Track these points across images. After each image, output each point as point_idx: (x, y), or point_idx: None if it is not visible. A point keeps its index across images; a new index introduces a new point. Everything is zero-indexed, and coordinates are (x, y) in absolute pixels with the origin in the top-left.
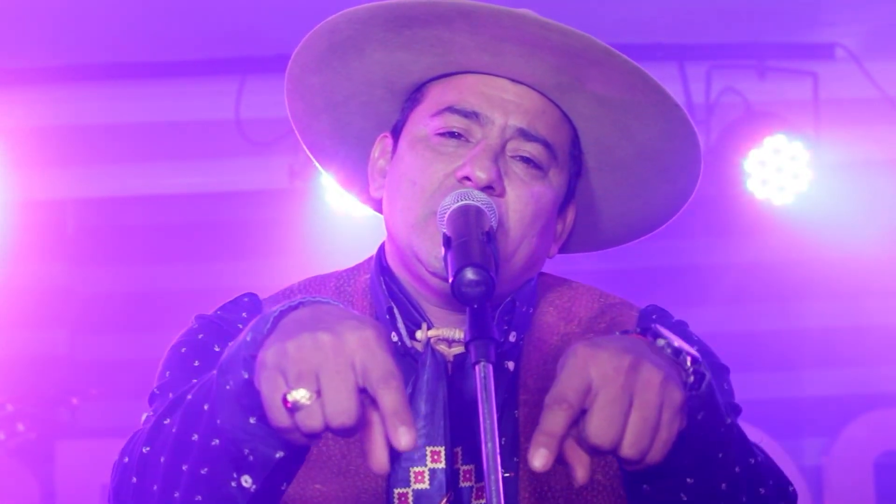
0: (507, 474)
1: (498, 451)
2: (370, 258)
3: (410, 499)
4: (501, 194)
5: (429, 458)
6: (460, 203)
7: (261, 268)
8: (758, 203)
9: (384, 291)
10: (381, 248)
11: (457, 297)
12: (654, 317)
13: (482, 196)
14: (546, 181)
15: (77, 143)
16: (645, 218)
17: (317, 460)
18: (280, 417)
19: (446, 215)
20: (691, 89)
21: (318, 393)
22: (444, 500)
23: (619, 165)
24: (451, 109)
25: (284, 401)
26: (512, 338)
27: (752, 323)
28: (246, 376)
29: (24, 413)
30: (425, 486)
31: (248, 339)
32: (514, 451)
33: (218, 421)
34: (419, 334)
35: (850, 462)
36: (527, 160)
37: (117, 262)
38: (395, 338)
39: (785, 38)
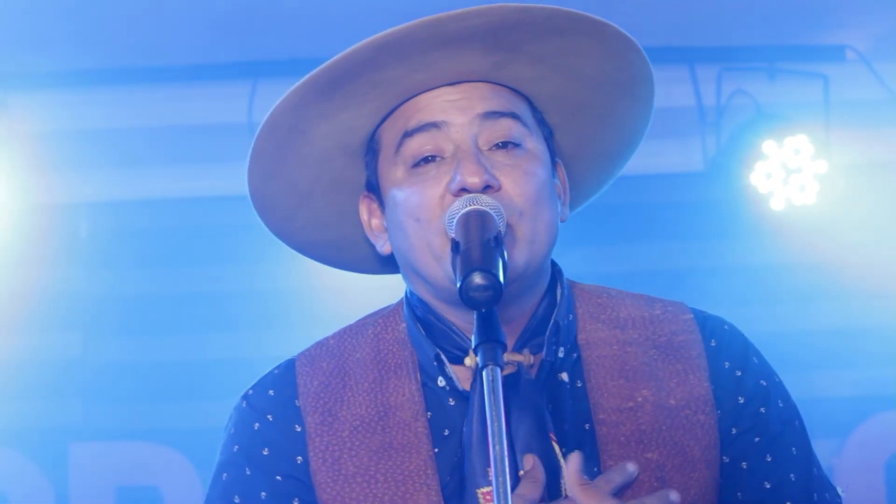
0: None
1: (506, 454)
2: (398, 305)
3: None
4: (500, 188)
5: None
6: (468, 208)
7: (274, 271)
8: (769, 205)
9: (426, 338)
10: (408, 298)
11: (465, 302)
12: None
13: (489, 200)
14: (528, 153)
15: (90, 147)
16: (618, 141)
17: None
18: None
19: (455, 221)
20: (702, 92)
21: None
22: None
23: (579, 105)
24: (407, 134)
25: None
26: (561, 353)
27: (762, 324)
28: None
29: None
30: None
31: None
32: (595, 464)
33: None
34: (467, 361)
35: (861, 463)
36: (504, 144)
37: (130, 265)
38: (442, 383)
39: (795, 40)
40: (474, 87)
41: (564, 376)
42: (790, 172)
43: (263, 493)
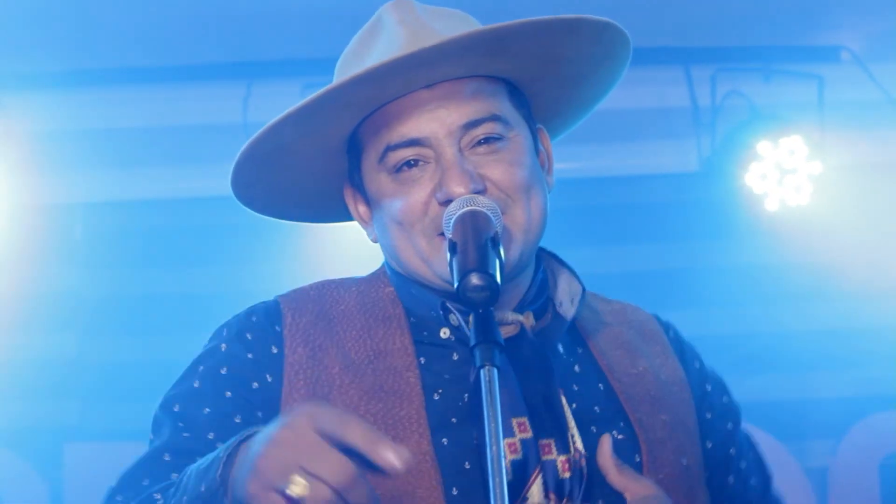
0: (619, 437)
1: (503, 453)
2: (379, 272)
3: (510, 469)
4: (486, 190)
5: (516, 429)
6: (465, 209)
7: (269, 270)
8: (763, 205)
9: (425, 293)
10: (390, 269)
11: (462, 302)
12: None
13: (486, 201)
14: (510, 143)
15: (85, 147)
16: (596, 91)
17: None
18: None
19: (451, 221)
20: (697, 92)
21: (311, 474)
22: (537, 471)
23: (557, 76)
24: (389, 149)
25: (288, 500)
26: (571, 312)
27: (757, 325)
28: None
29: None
30: (518, 456)
31: (202, 489)
32: (621, 419)
33: None
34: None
35: (855, 464)
36: (485, 140)
37: (126, 265)
38: (446, 334)
39: (790, 41)
40: (452, 88)
41: (560, 348)
42: (785, 173)
43: (207, 409)
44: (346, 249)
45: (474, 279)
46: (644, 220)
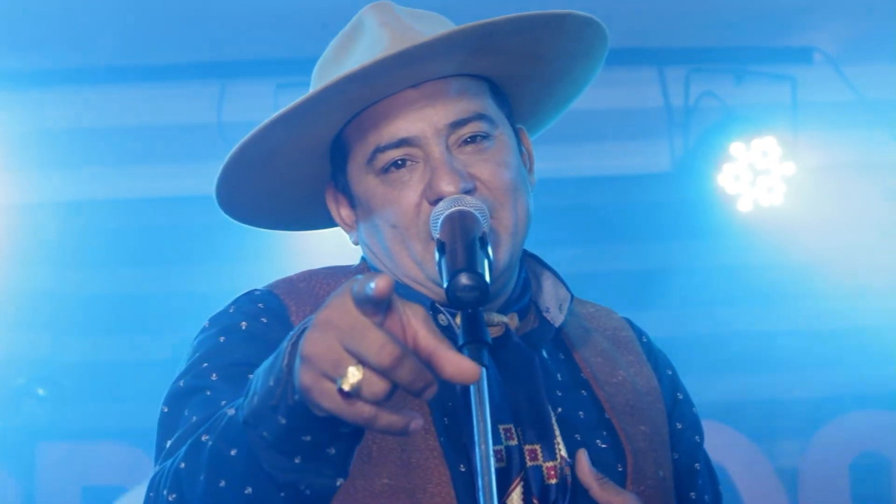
0: (603, 446)
1: (491, 453)
2: (362, 268)
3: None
4: (476, 187)
5: (503, 435)
6: (453, 209)
7: (243, 271)
8: (736, 206)
9: (413, 291)
10: (371, 268)
11: (452, 302)
12: None
13: (474, 201)
14: (496, 142)
15: (59, 147)
16: (573, 88)
17: (379, 456)
18: (353, 412)
19: (440, 221)
20: (670, 93)
21: (362, 361)
22: (519, 479)
23: (537, 75)
24: (378, 150)
25: (344, 394)
26: (560, 319)
27: (729, 325)
28: (284, 421)
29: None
30: (502, 464)
31: (271, 384)
32: (604, 428)
33: (264, 468)
34: (457, 321)
35: (826, 464)
36: (472, 138)
37: (99, 264)
38: (444, 321)
39: (763, 42)
40: (438, 87)
41: (543, 352)
42: (758, 174)
43: (239, 355)
44: (317, 247)
45: (464, 279)
46: (617, 220)
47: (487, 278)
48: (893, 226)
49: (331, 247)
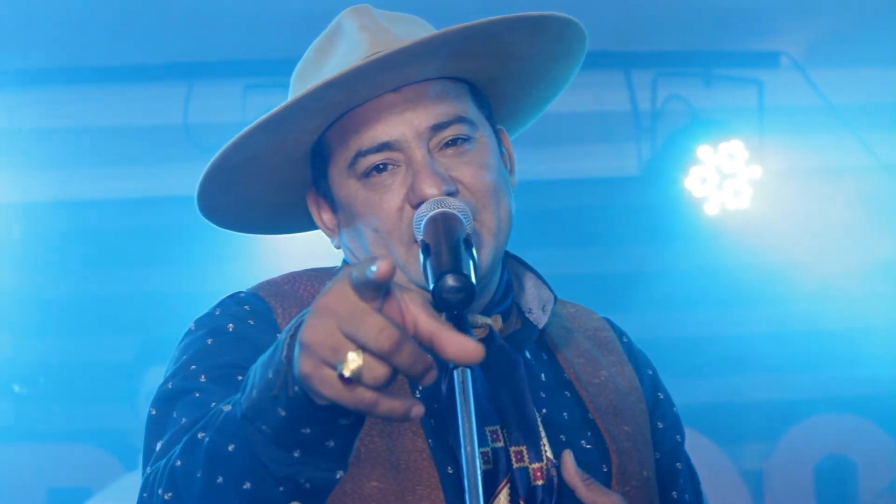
0: (588, 446)
1: (477, 454)
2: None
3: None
4: (458, 189)
5: (489, 437)
6: (436, 210)
7: (208, 273)
8: (702, 209)
9: None
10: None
11: (438, 304)
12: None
13: (457, 203)
14: (478, 144)
15: (22, 148)
16: (552, 88)
17: (367, 458)
18: (354, 398)
19: (423, 223)
20: (637, 96)
21: (362, 347)
22: (506, 480)
23: (516, 74)
24: (360, 154)
25: (345, 380)
26: (543, 321)
27: (694, 328)
28: (283, 413)
29: None
30: (490, 466)
31: (270, 376)
32: (589, 429)
33: (263, 462)
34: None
35: (790, 467)
36: (453, 141)
37: (62, 266)
38: None
39: (730, 46)
40: (418, 91)
41: (527, 353)
42: (725, 177)
43: (228, 357)
44: (282, 249)
45: (450, 280)
46: (584, 224)
47: (473, 279)
48: (860, 230)
49: (295, 248)
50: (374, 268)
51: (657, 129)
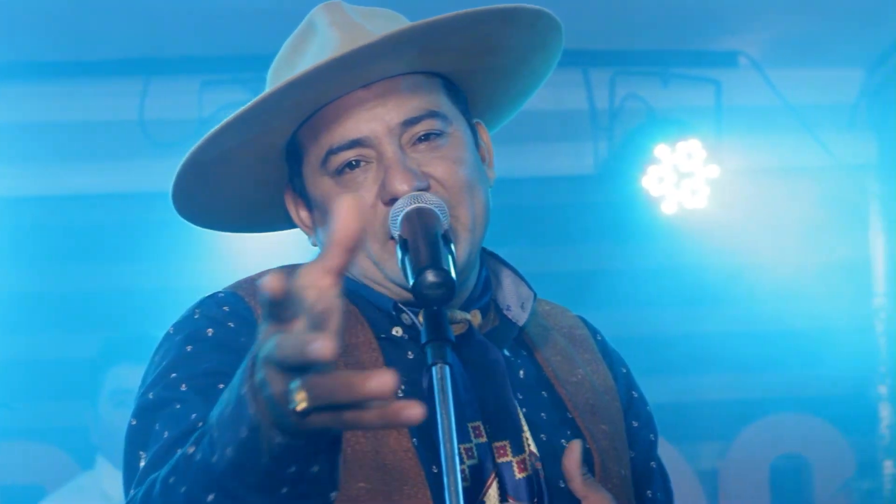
0: (565, 443)
1: (457, 451)
2: None
3: (467, 474)
4: (430, 185)
5: (471, 433)
6: (412, 206)
7: (166, 269)
8: (660, 208)
9: (375, 291)
10: None
11: (419, 300)
12: None
13: (433, 198)
14: (451, 139)
15: None
16: (529, 82)
17: (353, 459)
18: (339, 422)
19: (399, 219)
20: (595, 95)
21: (297, 371)
22: (493, 476)
23: (492, 68)
24: (331, 152)
25: (305, 415)
26: (523, 319)
27: (652, 327)
28: (267, 460)
29: None
30: (475, 461)
31: (245, 435)
32: (568, 427)
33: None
34: (420, 319)
35: (746, 466)
36: (425, 136)
37: (14, 262)
38: (399, 332)
39: (688, 45)
40: (389, 86)
41: (505, 351)
42: (682, 177)
43: (208, 365)
44: (238, 245)
45: (430, 276)
46: (541, 222)
47: (454, 275)
48: (818, 230)
49: (255, 243)
50: (263, 288)
51: (615, 127)
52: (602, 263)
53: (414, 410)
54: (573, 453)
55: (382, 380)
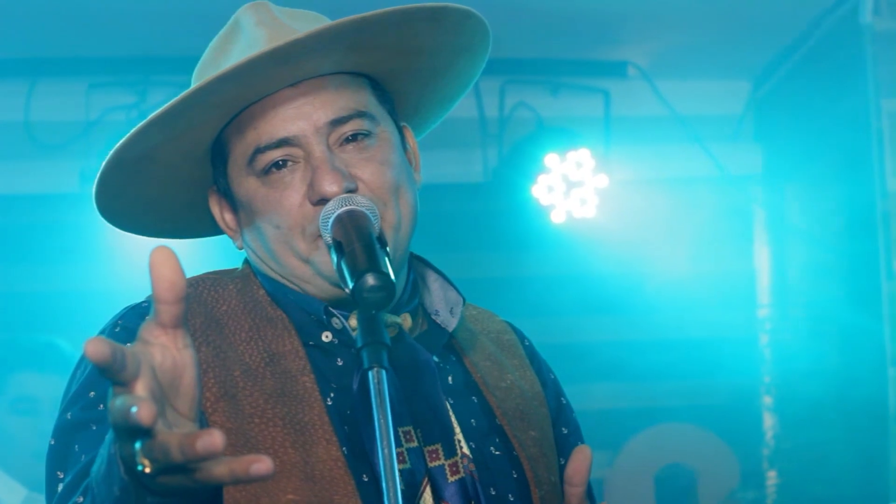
0: (497, 453)
1: (395, 455)
2: (248, 272)
3: (401, 479)
4: (358, 187)
5: (402, 438)
6: (343, 208)
7: (50, 272)
8: (548, 217)
9: (305, 297)
10: (258, 272)
11: (359, 303)
12: None
13: (363, 200)
14: (378, 141)
15: None
16: (456, 86)
17: (282, 471)
18: (196, 479)
19: (330, 221)
20: (485, 103)
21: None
22: (426, 480)
23: (419, 70)
24: (258, 150)
25: (152, 475)
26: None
27: (539, 335)
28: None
29: None
30: (407, 465)
31: (118, 493)
32: (497, 435)
33: None
34: (351, 323)
35: (632, 475)
36: (353, 137)
37: None
38: (328, 338)
39: (578, 55)
40: (316, 85)
41: (434, 357)
42: (571, 186)
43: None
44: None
45: (370, 279)
46: (431, 229)
47: (393, 277)
48: (705, 240)
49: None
50: (88, 351)
51: (504, 136)
52: (493, 272)
53: (262, 465)
54: (584, 462)
55: (210, 440)
